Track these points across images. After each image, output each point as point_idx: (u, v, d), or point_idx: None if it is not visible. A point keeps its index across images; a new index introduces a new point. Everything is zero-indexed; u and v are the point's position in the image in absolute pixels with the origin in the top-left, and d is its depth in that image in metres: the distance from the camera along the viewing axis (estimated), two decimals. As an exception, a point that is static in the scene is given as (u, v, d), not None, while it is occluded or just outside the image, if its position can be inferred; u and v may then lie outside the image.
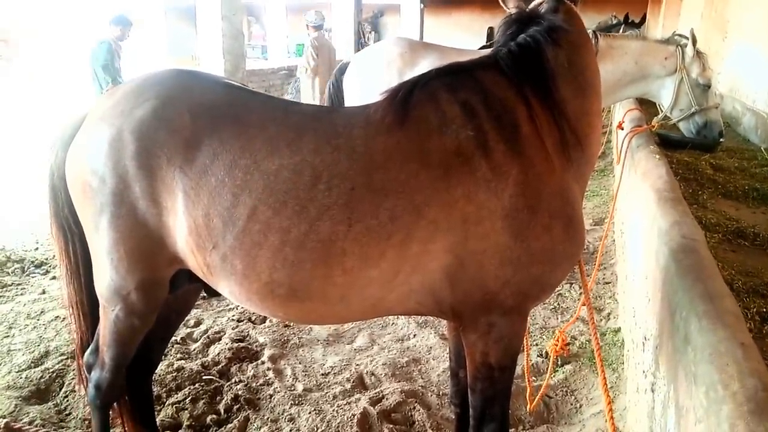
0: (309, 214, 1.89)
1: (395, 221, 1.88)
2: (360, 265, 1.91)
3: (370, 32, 24.46)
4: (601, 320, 4.23)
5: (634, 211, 3.89)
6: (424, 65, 4.86)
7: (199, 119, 2.02)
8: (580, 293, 4.58)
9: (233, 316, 4.34)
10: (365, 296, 1.99)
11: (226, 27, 9.00)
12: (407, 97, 2.01)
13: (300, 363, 3.73)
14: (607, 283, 4.84)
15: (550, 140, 2.00)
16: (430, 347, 3.91)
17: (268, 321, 4.25)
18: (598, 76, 2.24)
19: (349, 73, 5.32)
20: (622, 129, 5.00)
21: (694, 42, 4.41)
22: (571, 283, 4.79)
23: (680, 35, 4.77)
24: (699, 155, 4.88)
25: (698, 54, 4.41)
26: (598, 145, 2.30)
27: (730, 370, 1.58)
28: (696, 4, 11.89)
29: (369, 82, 4.99)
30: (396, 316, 4.28)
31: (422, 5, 18.41)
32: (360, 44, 13.90)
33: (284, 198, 1.91)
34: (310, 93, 8.63)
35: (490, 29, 20.80)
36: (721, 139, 4.75)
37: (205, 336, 4.02)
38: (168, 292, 2.28)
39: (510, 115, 1.97)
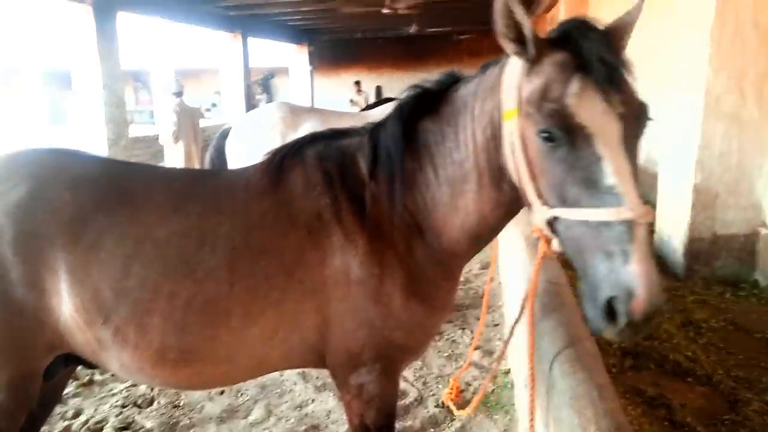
0: (196, 277, 1.93)
1: (270, 280, 1.95)
2: (243, 323, 1.96)
3: (261, 94, 24.62)
4: (492, 362, 4.34)
5: (507, 256, 4.09)
6: (306, 128, 4.95)
7: (80, 195, 1.99)
8: (472, 338, 4.70)
9: (117, 401, 4.03)
10: (251, 354, 2.04)
11: (107, 95, 8.75)
12: (282, 161, 2.09)
13: (191, 446, 3.52)
14: (496, 325, 5.00)
15: (397, 220, 1.98)
16: (329, 411, 3.82)
17: (155, 403, 3.98)
18: (471, 178, 1.89)
19: (232, 137, 5.32)
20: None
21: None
22: (463, 329, 4.91)
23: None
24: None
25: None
26: (458, 242, 2.01)
27: (587, 414, 1.66)
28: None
29: (253, 147, 4.99)
30: (294, 383, 4.17)
31: (311, 67, 18.84)
32: (251, 106, 13.92)
33: (175, 263, 1.94)
34: (173, 158, 8.54)
35: (378, 88, 21.68)
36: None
37: (85, 428, 3.69)
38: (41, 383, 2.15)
39: (359, 189, 2.02)
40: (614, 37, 1.62)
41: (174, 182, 2.14)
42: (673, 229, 4.47)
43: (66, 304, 1.96)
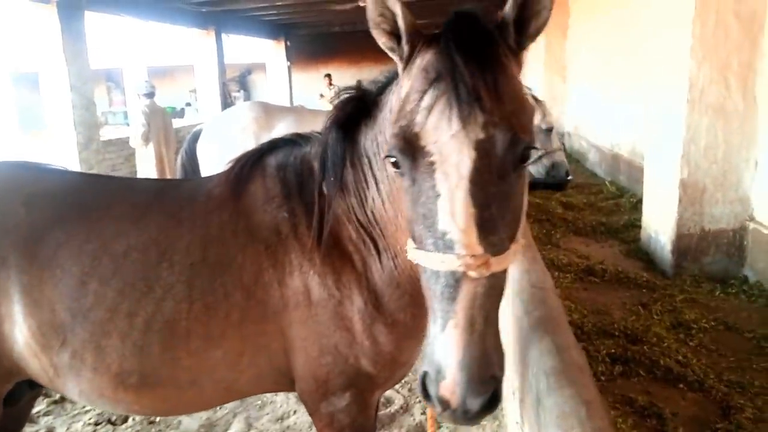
0: (155, 295, 1.82)
1: (229, 299, 1.83)
2: (204, 345, 1.84)
3: (238, 91, 24.30)
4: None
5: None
6: (281, 128, 4.81)
7: (35, 211, 1.91)
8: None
9: (90, 419, 3.87)
10: (216, 379, 1.90)
11: (75, 98, 8.51)
12: (242, 171, 1.96)
13: (166, 465, 3.37)
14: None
15: (354, 236, 1.83)
16: (311, 423, 3.69)
17: (130, 420, 3.84)
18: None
19: (203, 140, 5.14)
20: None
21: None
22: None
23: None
24: (550, 195, 5.18)
25: (537, 102, 4.73)
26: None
27: (575, 433, 1.57)
28: (538, 53, 13.06)
29: (225, 149, 4.83)
30: (274, 394, 4.04)
31: (289, 62, 18.59)
32: (227, 104, 13.70)
33: (133, 280, 1.83)
34: (145, 161, 8.35)
35: (359, 83, 21.51)
36: (569, 178, 5.09)
37: (55, 448, 3.55)
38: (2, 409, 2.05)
39: (315, 203, 1.85)
40: (499, 35, 1.30)
41: (134, 194, 2.04)
42: (661, 225, 4.39)
43: (20, 329, 1.86)
